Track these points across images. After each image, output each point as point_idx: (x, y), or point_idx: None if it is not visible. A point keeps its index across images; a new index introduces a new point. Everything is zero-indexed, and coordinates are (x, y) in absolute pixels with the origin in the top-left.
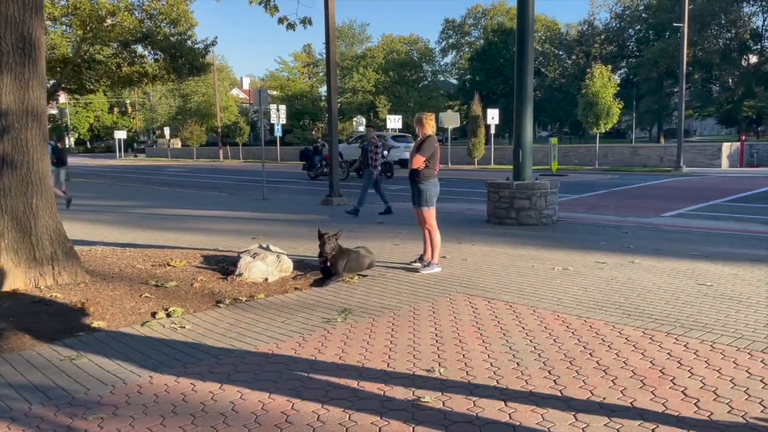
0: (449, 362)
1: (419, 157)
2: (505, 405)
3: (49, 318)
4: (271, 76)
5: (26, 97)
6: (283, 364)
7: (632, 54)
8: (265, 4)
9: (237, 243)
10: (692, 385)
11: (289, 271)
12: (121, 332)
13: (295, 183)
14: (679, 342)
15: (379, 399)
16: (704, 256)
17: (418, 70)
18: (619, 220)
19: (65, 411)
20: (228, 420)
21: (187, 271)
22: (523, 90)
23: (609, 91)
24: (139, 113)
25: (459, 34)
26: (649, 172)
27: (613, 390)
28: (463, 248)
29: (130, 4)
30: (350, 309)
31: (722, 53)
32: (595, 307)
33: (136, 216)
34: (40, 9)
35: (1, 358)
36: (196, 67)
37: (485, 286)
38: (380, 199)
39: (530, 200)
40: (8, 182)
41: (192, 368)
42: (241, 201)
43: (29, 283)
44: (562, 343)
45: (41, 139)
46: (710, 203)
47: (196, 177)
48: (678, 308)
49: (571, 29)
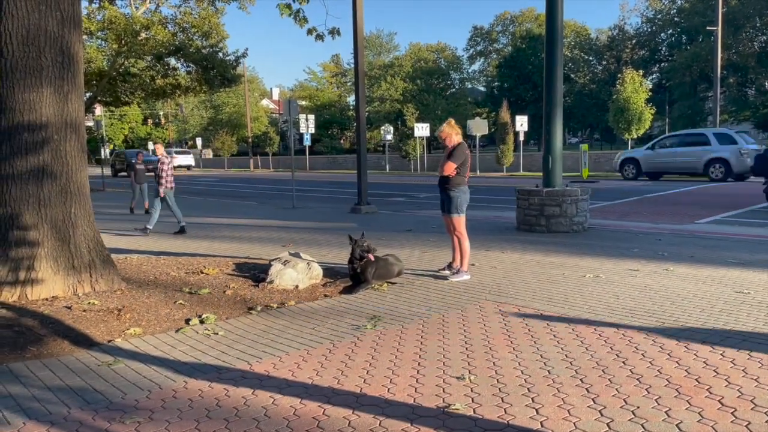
0: (479, 369)
1: (450, 164)
2: (537, 413)
3: (87, 324)
4: (300, 86)
5: (65, 109)
6: (313, 370)
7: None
8: (295, 15)
9: (267, 251)
10: (729, 394)
11: (319, 278)
12: (157, 338)
13: (324, 192)
14: (715, 351)
15: (409, 405)
16: (741, 263)
17: (445, 77)
18: (652, 227)
19: (103, 415)
20: (261, 425)
21: (219, 279)
22: (553, 95)
23: (641, 96)
24: (172, 124)
25: (487, 41)
26: (684, 178)
27: (647, 399)
28: (492, 256)
29: (163, 18)
30: (379, 316)
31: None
32: (628, 315)
33: (169, 224)
34: (79, 24)
35: (41, 363)
36: (227, 78)
37: (515, 293)
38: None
39: (560, 207)
40: (48, 192)
41: (225, 374)
42: (271, 210)
43: (68, 290)
44: (594, 351)
45: (80, 151)
46: (747, 209)
47: (228, 186)
48: (714, 316)
49: (602, 34)
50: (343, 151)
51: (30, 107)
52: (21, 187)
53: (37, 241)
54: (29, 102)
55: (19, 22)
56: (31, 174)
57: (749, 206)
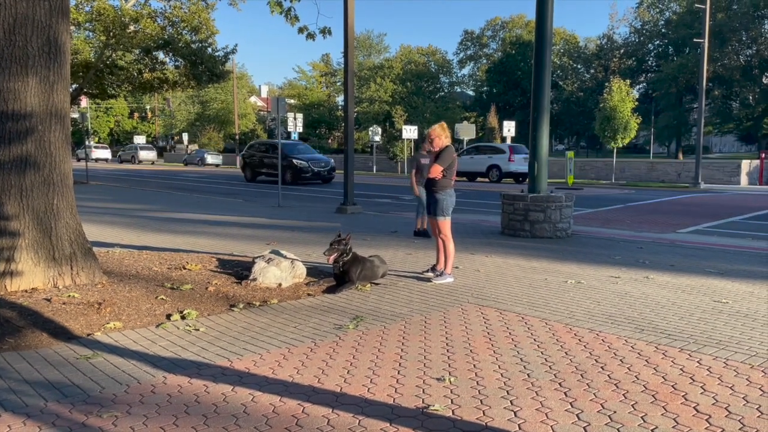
0: (460, 371)
1: (437, 167)
2: (515, 416)
3: (66, 317)
4: (289, 84)
5: (51, 99)
6: (294, 368)
7: (651, 69)
8: (286, 13)
9: (251, 248)
10: (704, 401)
11: (302, 277)
12: (137, 333)
13: (311, 191)
14: (692, 358)
15: (389, 405)
16: (720, 273)
17: (435, 81)
18: (634, 235)
19: (80, 408)
20: (239, 422)
21: (202, 275)
22: (540, 102)
23: (627, 105)
24: (159, 119)
25: (477, 46)
26: (666, 187)
27: (624, 404)
28: (476, 259)
29: (152, 12)
30: (362, 316)
31: (743, 69)
32: (608, 321)
33: (154, 219)
34: (67, 14)
35: (18, 355)
36: (215, 74)
37: (497, 297)
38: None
39: (545, 213)
40: (31, 182)
41: (205, 370)
42: (257, 207)
43: (48, 282)
44: (573, 356)
45: (64, 141)
46: (728, 220)
47: (213, 183)
48: (692, 324)
49: (590, 43)
50: (331, 151)
51: (15, 96)
52: (3, 177)
53: (18, 232)
54: (14, 91)
55: (6, 10)
56: (13, 163)
57: (729, 217)
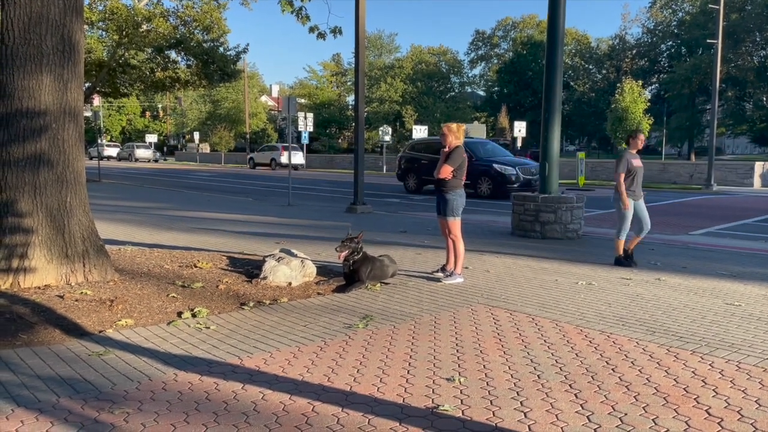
0: (469, 372)
1: (447, 167)
2: (525, 417)
3: (78, 314)
4: (299, 84)
5: (65, 97)
6: (304, 367)
7: (664, 69)
8: (297, 13)
9: (262, 247)
10: (716, 404)
11: (312, 276)
12: (148, 330)
13: (321, 190)
14: (704, 361)
15: (398, 405)
16: (733, 275)
17: (445, 81)
18: (646, 237)
19: (92, 404)
20: (250, 419)
21: (213, 273)
22: (551, 103)
23: (639, 106)
24: (170, 117)
25: (488, 46)
26: (678, 189)
27: (635, 406)
28: (486, 259)
29: (165, 11)
30: (371, 315)
31: (757, 71)
32: (619, 323)
33: (165, 218)
34: (80, 12)
35: (31, 350)
36: (227, 73)
37: (507, 298)
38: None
39: (555, 214)
40: (44, 180)
41: (216, 367)
42: (267, 206)
43: (60, 279)
44: (584, 358)
45: (78, 139)
46: (740, 222)
47: (224, 182)
48: (704, 327)
49: (602, 43)
50: (341, 150)
51: (29, 94)
52: (17, 174)
53: (32, 229)
54: (29, 89)
55: (21, 9)
56: (27, 161)
57: (742, 219)
